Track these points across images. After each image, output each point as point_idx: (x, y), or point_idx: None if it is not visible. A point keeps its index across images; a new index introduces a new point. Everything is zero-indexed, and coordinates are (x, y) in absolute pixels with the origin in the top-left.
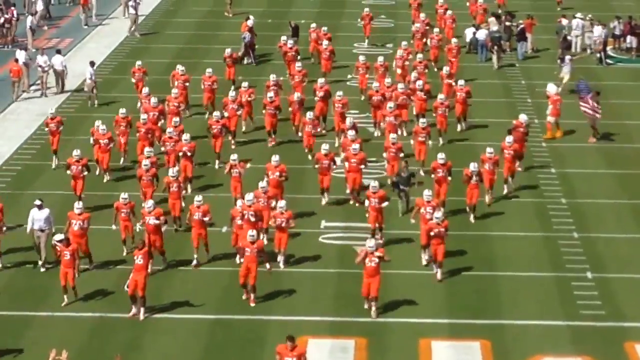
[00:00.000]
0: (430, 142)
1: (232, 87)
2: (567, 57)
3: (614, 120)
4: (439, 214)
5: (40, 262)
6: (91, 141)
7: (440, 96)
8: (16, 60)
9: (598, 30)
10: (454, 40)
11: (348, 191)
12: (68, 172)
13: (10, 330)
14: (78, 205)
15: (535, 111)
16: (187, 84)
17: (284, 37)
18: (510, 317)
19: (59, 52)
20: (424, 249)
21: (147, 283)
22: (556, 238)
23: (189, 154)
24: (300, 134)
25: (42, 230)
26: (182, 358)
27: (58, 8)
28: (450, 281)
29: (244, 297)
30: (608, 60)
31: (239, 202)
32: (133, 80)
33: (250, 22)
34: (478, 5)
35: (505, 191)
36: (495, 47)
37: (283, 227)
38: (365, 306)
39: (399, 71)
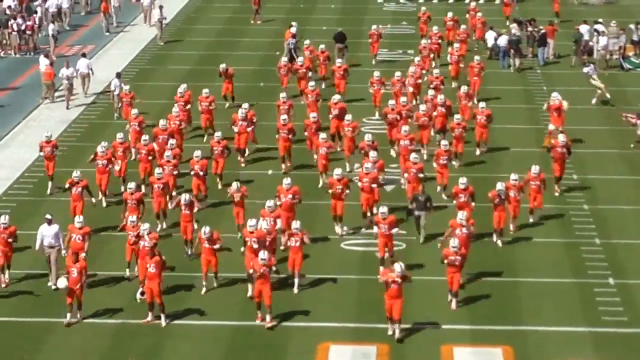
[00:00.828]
0: (454, 163)
1: (227, 104)
2: (591, 66)
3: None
4: (455, 242)
5: (50, 281)
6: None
7: (457, 116)
8: (51, 64)
9: (604, 41)
10: (476, 57)
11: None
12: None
13: (32, 336)
14: (79, 220)
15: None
16: (188, 106)
17: (284, 59)
18: (532, 323)
19: (84, 55)
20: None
21: (162, 290)
22: (578, 244)
23: (200, 173)
24: (315, 156)
25: (51, 247)
26: None
27: (74, 18)
28: (471, 287)
29: (257, 321)
30: (628, 66)
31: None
32: (120, 105)
33: (293, 29)
34: (477, 19)
35: (530, 220)
36: (512, 51)
37: (297, 247)
38: (389, 332)
39: (410, 89)
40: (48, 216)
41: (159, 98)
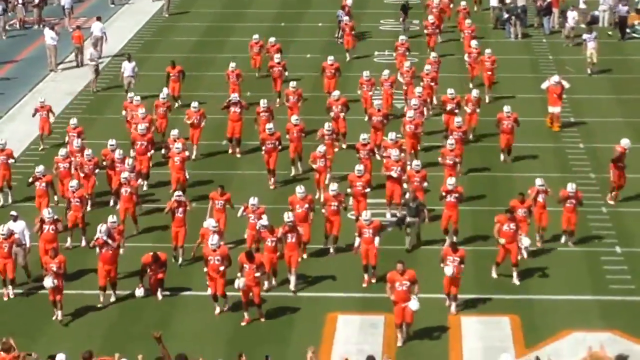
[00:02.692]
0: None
1: (231, 97)
2: (593, 34)
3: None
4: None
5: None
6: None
7: (457, 119)
8: (78, 27)
9: (573, 14)
10: (487, 51)
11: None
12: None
13: (40, 308)
14: (49, 214)
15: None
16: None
17: (256, 36)
18: (540, 292)
19: (99, 19)
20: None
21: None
22: (585, 212)
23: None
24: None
25: (18, 245)
26: (212, 335)
27: None
28: (479, 257)
29: (242, 323)
30: (635, 35)
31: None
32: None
33: (349, 1)
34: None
35: (563, 240)
36: (513, 18)
37: (293, 244)
38: (399, 342)
39: (404, 87)
40: (13, 213)
41: (163, 70)
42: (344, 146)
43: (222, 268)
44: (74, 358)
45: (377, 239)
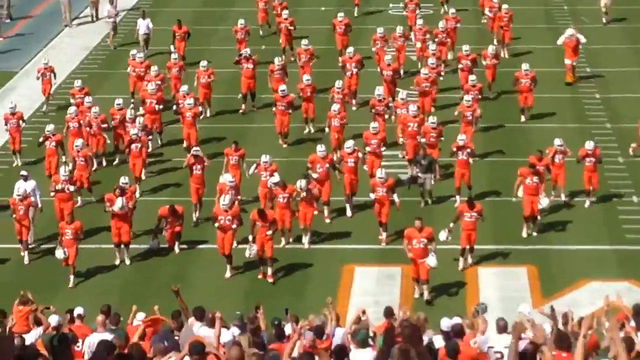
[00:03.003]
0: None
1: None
2: None
3: None
4: (443, 235)
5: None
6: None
7: (472, 77)
8: None
9: None
10: (491, 47)
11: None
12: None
13: (58, 265)
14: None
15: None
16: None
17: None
18: (556, 242)
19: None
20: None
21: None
22: (601, 163)
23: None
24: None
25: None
26: (228, 288)
27: None
28: (495, 208)
29: (259, 275)
30: None
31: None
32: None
33: None
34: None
35: (587, 204)
36: None
37: (309, 200)
38: (416, 294)
39: (418, 45)
40: (23, 172)
41: (170, 24)
42: (353, 108)
43: (234, 226)
44: (92, 312)
45: (395, 196)
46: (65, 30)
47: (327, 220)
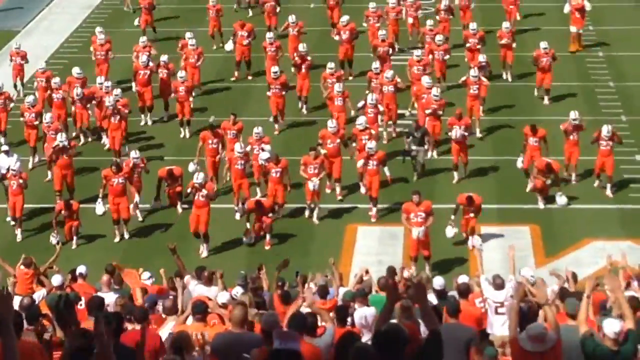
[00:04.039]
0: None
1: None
2: None
3: None
4: (450, 231)
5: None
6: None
7: (481, 57)
8: None
9: None
10: (505, 24)
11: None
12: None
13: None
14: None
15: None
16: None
17: None
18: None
19: None
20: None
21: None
22: (603, 122)
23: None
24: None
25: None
26: (231, 247)
27: None
28: (499, 166)
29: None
30: None
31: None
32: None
33: None
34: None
35: (595, 183)
36: None
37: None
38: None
39: (410, 20)
40: (5, 147)
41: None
42: (350, 78)
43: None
44: (96, 271)
45: (386, 169)
46: None
47: (339, 198)
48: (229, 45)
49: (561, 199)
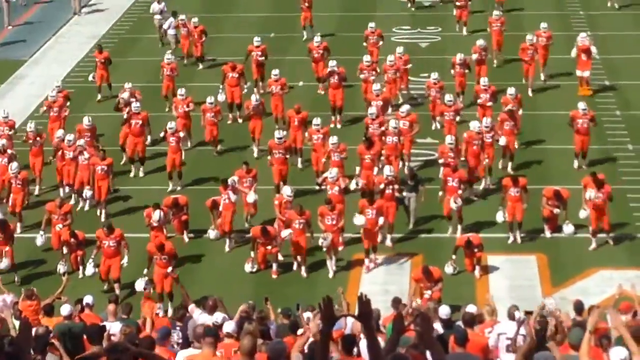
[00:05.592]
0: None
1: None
2: None
3: None
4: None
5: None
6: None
7: (483, 80)
8: None
9: None
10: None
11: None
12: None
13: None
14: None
15: (589, 25)
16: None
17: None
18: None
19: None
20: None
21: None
22: (611, 150)
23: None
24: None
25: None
26: (238, 276)
27: None
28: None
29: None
30: None
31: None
32: None
33: None
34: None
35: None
36: None
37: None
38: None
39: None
40: None
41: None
42: (338, 125)
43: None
44: (102, 301)
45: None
46: (74, 18)
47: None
48: (221, 96)
49: (568, 228)
